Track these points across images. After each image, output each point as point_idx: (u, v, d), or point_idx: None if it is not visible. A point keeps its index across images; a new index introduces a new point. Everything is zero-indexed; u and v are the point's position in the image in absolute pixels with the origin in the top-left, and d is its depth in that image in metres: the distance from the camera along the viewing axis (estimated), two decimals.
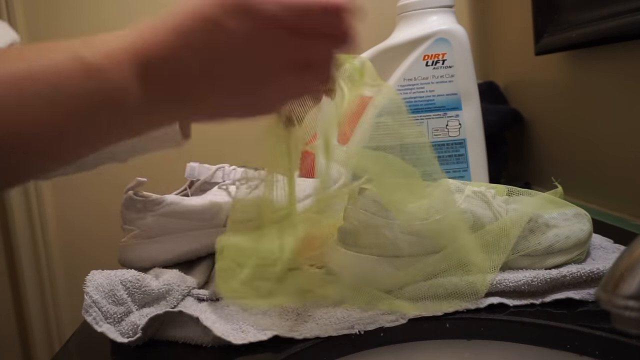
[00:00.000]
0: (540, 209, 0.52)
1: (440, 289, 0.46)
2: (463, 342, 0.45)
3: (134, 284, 0.47)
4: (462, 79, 0.76)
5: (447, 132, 0.77)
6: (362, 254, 0.49)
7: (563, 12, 0.77)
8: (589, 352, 0.41)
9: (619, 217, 0.70)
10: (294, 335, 0.43)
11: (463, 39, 0.76)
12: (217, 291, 0.50)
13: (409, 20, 0.78)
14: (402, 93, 0.78)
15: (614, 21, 0.65)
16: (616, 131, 0.72)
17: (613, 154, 0.73)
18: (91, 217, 1.13)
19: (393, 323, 0.44)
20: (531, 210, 0.50)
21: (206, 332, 0.43)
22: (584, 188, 0.80)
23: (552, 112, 0.88)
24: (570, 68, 0.81)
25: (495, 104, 0.98)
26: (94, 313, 0.45)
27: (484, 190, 0.51)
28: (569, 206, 0.54)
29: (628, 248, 0.30)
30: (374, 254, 0.48)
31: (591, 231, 0.52)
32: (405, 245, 0.47)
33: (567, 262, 0.49)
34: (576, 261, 0.50)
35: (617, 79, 0.71)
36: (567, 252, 0.49)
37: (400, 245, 0.47)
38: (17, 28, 1.05)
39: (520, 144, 0.99)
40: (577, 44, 0.74)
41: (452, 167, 0.78)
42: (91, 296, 0.45)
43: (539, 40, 0.82)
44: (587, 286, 0.46)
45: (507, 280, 0.47)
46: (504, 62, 1.07)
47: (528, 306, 0.45)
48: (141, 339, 0.44)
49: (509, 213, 0.50)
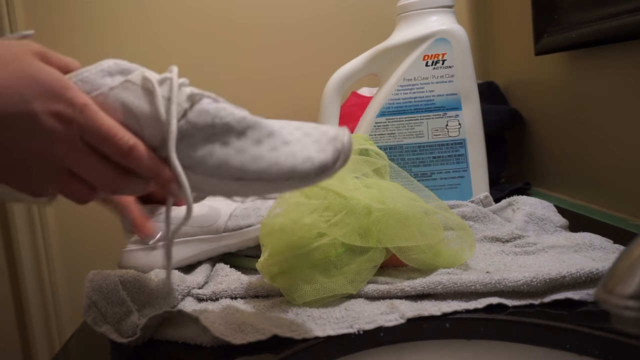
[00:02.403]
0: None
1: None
2: (463, 342, 0.45)
3: (134, 284, 0.47)
4: (462, 79, 0.77)
5: (447, 132, 0.77)
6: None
7: (563, 12, 0.77)
8: (588, 352, 0.41)
9: (619, 217, 0.70)
10: (293, 335, 0.43)
11: (463, 39, 0.76)
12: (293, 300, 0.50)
13: (409, 20, 0.78)
14: (402, 93, 0.78)
15: (614, 21, 0.65)
16: (616, 131, 0.72)
17: (613, 154, 0.73)
18: (91, 217, 1.13)
19: (393, 323, 0.45)
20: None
21: (205, 332, 0.43)
22: (584, 188, 0.80)
23: (552, 112, 0.88)
24: (570, 68, 0.81)
25: (495, 104, 0.98)
26: (94, 313, 0.45)
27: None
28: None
29: (627, 248, 0.30)
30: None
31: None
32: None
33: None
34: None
35: (617, 79, 0.71)
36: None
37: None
38: (18, 28, 1.05)
39: (520, 144, 0.99)
40: (577, 44, 0.74)
41: (452, 167, 0.78)
42: (90, 297, 0.45)
43: (539, 40, 0.82)
44: (586, 286, 0.46)
45: (506, 281, 0.47)
46: (504, 62, 1.07)
47: (527, 306, 0.45)
48: (141, 339, 0.44)
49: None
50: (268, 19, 1.13)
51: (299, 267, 0.50)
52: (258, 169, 0.38)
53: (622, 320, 0.28)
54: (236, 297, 0.53)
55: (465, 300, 0.47)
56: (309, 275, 0.49)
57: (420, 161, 0.78)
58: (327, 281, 0.49)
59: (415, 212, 0.53)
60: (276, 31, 1.13)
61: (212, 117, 0.38)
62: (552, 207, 0.67)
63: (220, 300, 0.52)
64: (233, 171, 0.38)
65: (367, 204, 0.52)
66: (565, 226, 0.64)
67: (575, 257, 0.53)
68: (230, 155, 0.38)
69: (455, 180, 0.78)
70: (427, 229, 0.53)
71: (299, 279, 0.49)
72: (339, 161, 0.39)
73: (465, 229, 0.56)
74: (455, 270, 0.52)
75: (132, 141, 0.35)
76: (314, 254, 0.50)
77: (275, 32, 1.13)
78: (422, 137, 0.78)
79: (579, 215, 0.72)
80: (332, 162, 0.38)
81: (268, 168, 0.38)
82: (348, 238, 0.50)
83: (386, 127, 0.79)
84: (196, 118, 0.38)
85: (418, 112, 0.78)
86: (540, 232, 0.63)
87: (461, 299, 0.47)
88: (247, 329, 0.44)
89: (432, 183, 0.78)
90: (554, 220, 0.64)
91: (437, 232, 0.53)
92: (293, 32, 1.14)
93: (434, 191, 0.62)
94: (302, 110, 1.13)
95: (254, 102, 1.09)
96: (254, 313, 0.48)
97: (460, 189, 0.78)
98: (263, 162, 0.38)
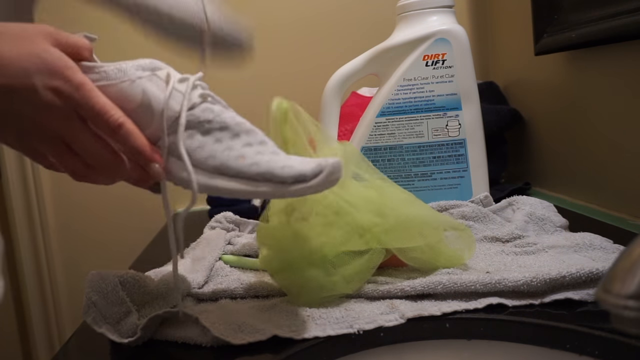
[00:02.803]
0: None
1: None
2: (463, 342, 0.45)
3: (133, 284, 0.47)
4: (462, 79, 0.76)
5: (447, 132, 0.77)
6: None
7: (563, 12, 0.77)
8: (588, 352, 0.41)
9: (619, 217, 0.70)
10: (292, 335, 0.43)
11: (463, 39, 0.76)
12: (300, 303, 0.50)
13: (409, 20, 0.78)
14: (402, 93, 0.78)
15: (614, 21, 0.65)
16: (616, 131, 0.72)
17: (613, 154, 0.73)
18: (91, 218, 1.13)
19: (392, 323, 0.44)
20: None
21: (205, 332, 0.43)
22: (584, 188, 0.80)
23: (552, 112, 0.88)
24: (570, 68, 0.81)
25: (495, 104, 0.98)
26: (94, 314, 0.45)
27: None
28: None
29: (627, 248, 0.29)
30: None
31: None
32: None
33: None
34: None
35: (616, 79, 0.71)
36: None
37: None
38: None
39: (520, 144, 0.99)
40: (577, 44, 0.74)
41: (452, 167, 0.78)
42: (90, 297, 0.45)
43: (538, 41, 0.82)
44: (586, 286, 0.46)
45: (506, 281, 0.47)
46: (504, 62, 1.07)
47: (527, 306, 0.45)
48: (140, 339, 0.44)
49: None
50: (268, 19, 1.13)
51: (298, 266, 0.50)
52: (238, 166, 0.40)
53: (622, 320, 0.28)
54: (236, 297, 0.53)
55: (465, 300, 0.47)
56: (308, 275, 0.49)
57: (420, 161, 0.78)
58: (327, 281, 0.49)
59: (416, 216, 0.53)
60: (276, 31, 1.13)
61: (213, 115, 0.42)
62: (552, 207, 0.67)
63: (220, 300, 0.52)
64: (217, 165, 0.41)
65: (366, 222, 0.51)
66: (565, 226, 0.64)
67: (575, 257, 0.53)
68: (218, 151, 0.41)
69: (455, 180, 0.78)
70: (427, 230, 0.53)
71: (298, 279, 0.49)
72: (320, 176, 0.40)
73: (464, 230, 0.56)
74: (455, 270, 0.52)
75: (122, 119, 0.39)
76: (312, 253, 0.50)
77: (275, 31, 1.13)
78: (422, 137, 0.78)
79: (579, 215, 0.72)
80: (311, 175, 0.40)
81: (248, 167, 0.40)
82: (347, 243, 0.50)
83: (386, 127, 0.79)
84: (200, 113, 0.41)
85: (418, 112, 0.78)
86: (540, 232, 0.63)
87: (461, 299, 0.47)
88: (247, 329, 0.44)
89: (432, 183, 0.78)
90: (554, 220, 0.64)
91: (437, 232, 0.53)
92: (293, 32, 1.14)
93: (434, 191, 0.62)
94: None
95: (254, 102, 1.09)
96: (254, 313, 0.48)
97: (460, 189, 0.78)
98: (245, 161, 0.40)
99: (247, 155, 0.41)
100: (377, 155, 0.79)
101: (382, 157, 0.79)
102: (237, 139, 0.42)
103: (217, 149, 0.41)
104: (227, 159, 0.41)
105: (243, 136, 0.42)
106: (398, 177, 0.79)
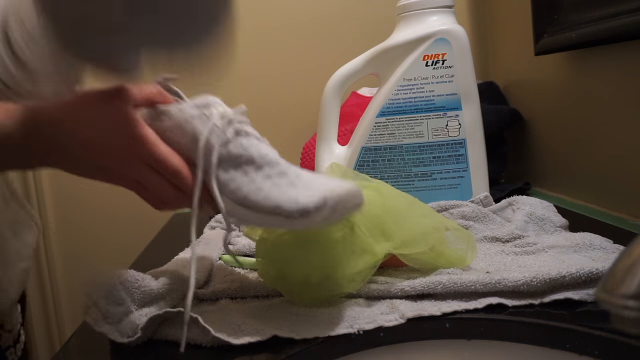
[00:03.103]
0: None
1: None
2: (463, 342, 0.45)
3: (133, 284, 0.47)
4: (462, 79, 0.76)
5: (447, 132, 0.77)
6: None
7: (563, 12, 0.77)
8: (588, 352, 0.41)
9: (619, 217, 0.70)
10: (293, 335, 0.43)
11: (463, 39, 0.76)
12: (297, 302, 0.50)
13: (409, 21, 0.78)
14: (402, 93, 0.78)
15: (614, 21, 0.65)
16: (616, 131, 0.72)
17: (613, 154, 0.73)
18: (91, 217, 1.13)
19: (392, 323, 0.44)
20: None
21: (205, 332, 0.43)
22: (584, 188, 0.80)
23: (552, 112, 0.88)
24: (570, 68, 0.81)
25: (495, 104, 0.98)
26: (94, 313, 0.45)
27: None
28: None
29: (627, 248, 0.29)
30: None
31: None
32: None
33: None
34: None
35: (617, 79, 0.71)
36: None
37: None
38: None
39: (520, 144, 0.99)
40: (577, 44, 0.74)
41: (452, 167, 0.78)
42: (90, 297, 0.45)
43: (538, 41, 0.82)
44: (586, 286, 0.46)
45: (506, 281, 0.47)
46: (504, 62, 1.07)
47: (527, 306, 0.45)
48: (141, 339, 0.44)
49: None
50: (268, 19, 1.13)
51: (296, 267, 0.49)
52: (255, 199, 0.43)
53: (622, 320, 0.28)
54: (236, 297, 0.53)
55: (465, 300, 0.47)
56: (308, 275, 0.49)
57: (420, 161, 0.78)
58: (327, 281, 0.49)
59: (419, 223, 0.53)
60: (276, 31, 1.13)
61: (243, 149, 0.45)
62: (552, 207, 0.67)
63: (220, 301, 0.52)
64: (240, 197, 0.44)
65: (370, 246, 0.51)
66: (565, 226, 0.64)
67: (575, 257, 0.53)
68: (244, 184, 0.44)
69: (455, 180, 0.78)
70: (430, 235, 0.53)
71: (298, 280, 0.49)
72: (324, 209, 0.41)
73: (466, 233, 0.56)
74: (455, 270, 0.52)
75: (179, 167, 0.45)
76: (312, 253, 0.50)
77: (275, 31, 1.13)
78: (422, 137, 0.78)
79: (579, 215, 0.72)
80: (315, 208, 0.41)
81: (263, 200, 0.43)
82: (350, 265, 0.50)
83: (386, 127, 0.79)
84: (233, 148, 0.45)
85: (418, 112, 0.78)
86: (540, 232, 0.63)
87: (461, 299, 0.47)
88: (247, 329, 0.44)
89: (432, 183, 0.78)
90: (554, 220, 0.64)
91: (437, 232, 0.53)
92: (293, 32, 1.14)
93: (434, 191, 0.62)
94: (302, 110, 1.13)
95: (254, 102, 1.09)
96: (254, 313, 0.48)
97: (460, 189, 0.78)
98: (260, 194, 0.43)
99: (264, 188, 0.43)
100: (377, 155, 0.80)
101: (382, 157, 0.79)
102: (260, 171, 0.44)
103: (244, 182, 0.44)
104: (247, 192, 0.44)
105: (266, 168, 0.44)
106: (398, 177, 0.79)
